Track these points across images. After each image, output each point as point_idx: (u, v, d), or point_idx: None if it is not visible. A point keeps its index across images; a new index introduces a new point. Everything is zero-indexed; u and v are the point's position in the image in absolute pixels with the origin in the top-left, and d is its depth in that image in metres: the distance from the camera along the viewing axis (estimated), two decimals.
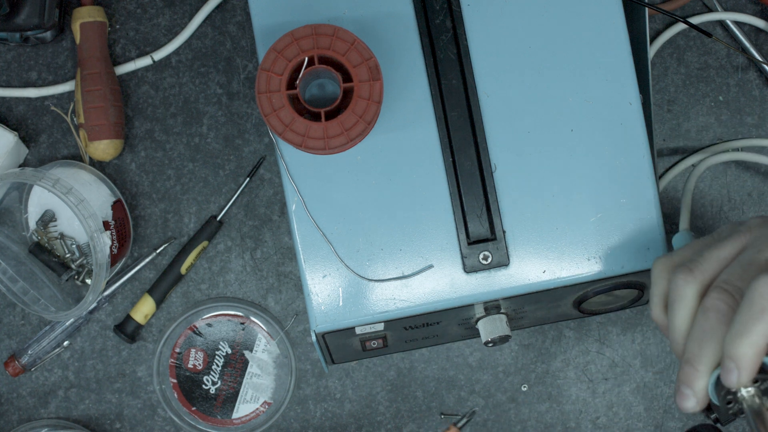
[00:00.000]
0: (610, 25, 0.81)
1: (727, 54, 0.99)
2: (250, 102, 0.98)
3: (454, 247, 0.80)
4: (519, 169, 0.80)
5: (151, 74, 0.98)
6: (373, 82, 0.76)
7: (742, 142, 0.97)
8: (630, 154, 0.80)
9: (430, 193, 0.80)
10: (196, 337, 0.97)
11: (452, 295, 0.80)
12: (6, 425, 0.98)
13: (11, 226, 0.96)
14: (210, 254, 0.98)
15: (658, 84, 0.98)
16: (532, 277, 0.80)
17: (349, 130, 0.76)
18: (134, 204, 0.98)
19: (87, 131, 0.94)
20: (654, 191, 0.80)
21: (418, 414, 0.98)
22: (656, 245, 0.80)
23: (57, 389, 0.98)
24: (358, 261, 0.80)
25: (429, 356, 0.97)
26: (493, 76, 0.81)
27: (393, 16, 0.81)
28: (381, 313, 0.80)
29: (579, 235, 0.80)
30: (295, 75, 0.77)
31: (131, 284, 0.98)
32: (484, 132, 0.80)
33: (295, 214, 0.80)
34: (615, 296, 0.84)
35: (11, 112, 0.98)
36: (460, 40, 0.81)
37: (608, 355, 0.98)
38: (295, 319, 0.97)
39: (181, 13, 0.98)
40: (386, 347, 0.87)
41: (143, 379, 0.98)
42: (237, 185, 0.98)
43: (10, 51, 0.98)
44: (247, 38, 0.98)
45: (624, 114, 0.81)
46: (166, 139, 0.98)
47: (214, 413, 0.98)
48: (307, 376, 0.98)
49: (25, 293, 0.94)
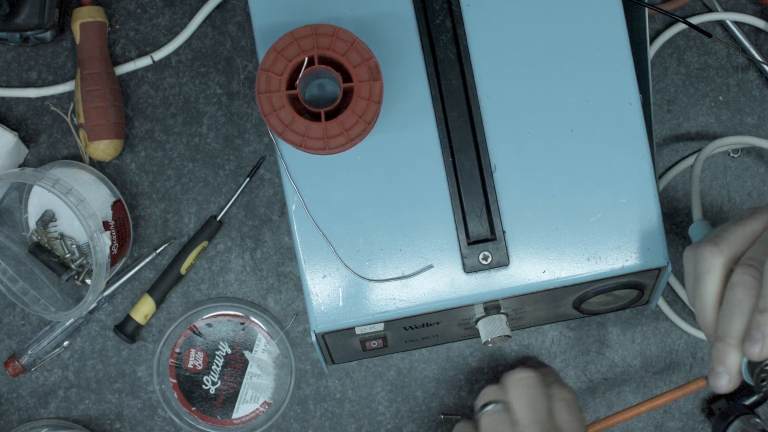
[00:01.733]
0: (610, 25, 0.81)
1: (727, 54, 0.99)
2: (250, 102, 0.98)
3: (454, 247, 0.80)
4: (519, 169, 0.80)
5: (151, 74, 0.98)
6: (373, 82, 0.76)
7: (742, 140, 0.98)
8: (630, 154, 0.80)
9: (430, 193, 0.80)
10: (196, 337, 0.97)
11: (452, 295, 0.80)
12: (6, 425, 0.98)
13: (11, 226, 0.96)
14: (210, 254, 0.98)
15: (658, 84, 0.98)
16: (532, 277, 0.80)
17: (349, 130, 0.76)
18: (134, 204, 0.98)
19: (87, 131, 0.94)
20: (654, 191, 0.80)
21: (418, 414, 0.98)
22: (656, 245, 0.80)
23: (57, 389, 0.98)
24: (358, 261, 0.80)
25: (429, 356, 0.97)
26: (493, 76, 0.81)
27: (393, 16, 0.81)
28: (381, 313, 0.80)
29: (579, 235, 0.80)
30: (295, 75, 0.77)
31: (131, 284, 0.98)
32: (484, 132, 0.80)
33: (295, 214, 0.80)
34: (615, 296, 0.84)
35: (11, 112, 0.98)
36: (460, 40, 0.81)
37: (608, 355, 0.98)
38: (295, 319, 0.97)
39: (181, 13, 0.98)
40: (386, 347, 0.87)
41: (143, 379, 0.98)
42: (237, 185, 0.98)
43: (10, 51, 0.98)
44: (247, 38, 0.98)
45: (624, 114, 0.81)
46: (166, 139, 0.98)
47: (214, 413, 0.98)
48: (307, 376, 0.98)
49: (25, 293, 0.94)
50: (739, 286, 0.69)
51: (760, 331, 0.67)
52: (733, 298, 0.69)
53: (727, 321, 0.69)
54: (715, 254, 0.71)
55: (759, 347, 0.67)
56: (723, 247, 0.71)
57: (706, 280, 0.71)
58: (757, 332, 0.67)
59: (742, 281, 0.69)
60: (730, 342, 0.69)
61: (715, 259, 0.71)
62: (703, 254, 0.72)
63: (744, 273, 0.69)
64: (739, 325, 0.69)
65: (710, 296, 0.71)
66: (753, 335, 0.67)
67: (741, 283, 0.69)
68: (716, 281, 0.71)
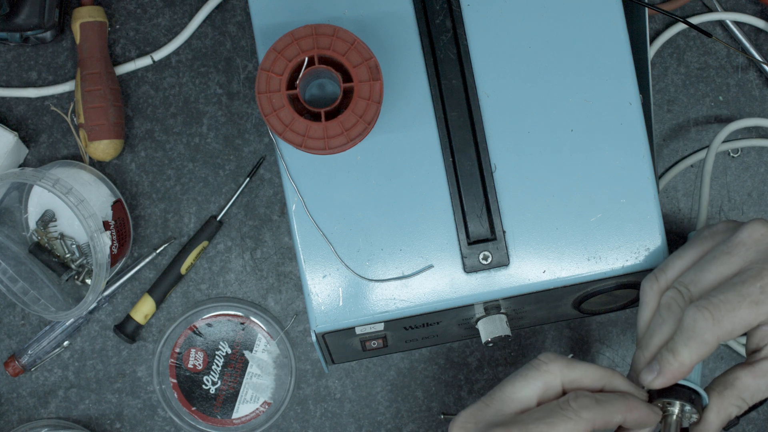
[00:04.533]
0: (610, 25, 0.81)
1: (727, 54, 0.99)
2: (250, 102, 0.98)
3: (454, 247, 0.80)
4: (519, 169, 0.80)
5: (151, 74, 0.98)
6: (373, 82, 0.76)
7: (742, 142, 0.97)
8: (630, 154, 0.80)
9: (430, 193, 0.80)
10: (196, 337, 0.97)
11: (452, 295, 0.80)
12: (6, 425, 0.98)
13: (11, 226, 0.96)
14: (210, 254, 0.98)
15: (658, 84, 0.98)
16: (532, 277, 0.80)
17: (349, 130, 0.76)
18: (134, 204, 0.98)
19: (87, 131, 0.94)
20: (654, 191, 0.80)
21: (418, 414, 0.98)
22: (656, 245, 0.80)
23: (57, 389, 0.98)
24: (358, 261, 0.80)
25: (429, 356, 0.97)
26: (493, 76, 0.81)
27: (393, 16, 0.81)
28: (381, 313, 0.80)
29: (579, 235, 0.80)
30: (295, 75, 0.77)
31: (131, 284, 0.98)
32: (484, 132, 0.80)
33: (295, 214, 0.80)
34: (615, 296, 0.84)
35: (11, 112, 0.98)
36: (460, 40, 0.81)
37: (608, 355, 0.98)
38: (295, 319, 0.97)
39: (181, 13, 0.98)
40: (386, 347, 0.87)
41: (143, 379, 0.98)
42: (237, 185, 0.98)
43: (10, 51, 0.98)
44: (247, 38, 0.98)
45: (624, 114, 0.81)
46: (166, 139, 0.98)
47: (214, 413, 0.98)
48: (307, 376, 0.98)
49: (25, 293, 0.94)
50: (663, 307, 0.74)
51: (660, 364, 0.73)
52: (657, 317, 0.75)
53: (648, 335, 0.75)
54: (653, 287, 0.76)
55: (652, 377, 0.73)
56: (660, 279, 0.76)
57: (643, 309, 0.77)
58: (656, 364, 0.73)
59: (665, 303, 0.74)
60: (646, 355, 0.75)
61: (652, 291, 0.76)
62: (643, 286, 0.77)
63: (670, 297, 0.74)
64: (658, 341, 0.74)
65: (644, 322, 0.77)
66: (652, 366, 0.73)
67: (664, 305, 0.74)
68: (651, 311, 0.76)
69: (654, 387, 0.74)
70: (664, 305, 0.74)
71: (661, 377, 0.73)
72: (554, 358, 0.73)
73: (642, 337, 0.76)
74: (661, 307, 0.74)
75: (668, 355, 0.72)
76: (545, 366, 0.73)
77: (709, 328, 0.71)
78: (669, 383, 0.73)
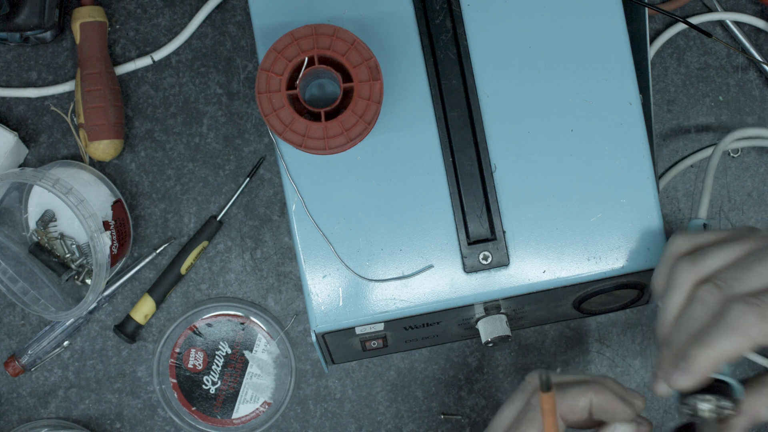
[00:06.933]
0: (610, 25, 0.81)
1: (727, 54, 0.99)
2: (250, 102, 0.98)
3: (454, 247, 0.80)
4: (519, 169, 0.80)
5: (151, 74, 0.98)
6: (373, 82, 0.76)
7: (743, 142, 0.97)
8: (630, 154, 0.80)
9: (430, 193, 0.80)
10: (196, 337, 0.97)
11: (452, 295, 0.80)
12: (6, 425, 0.98)
13: (11, 226, 0.96)
14: (210, 254, 0.98)
15: (658, 84, 0.98)
16: (532, 277, 0.80)
17: (349, 130, 0.76)
18: (134, 204, 0.98)
19: (87, 131, 0.94)
20: (654, 191, 0.80)
21: (418, 414, 0.98)
22: (656, 245, 0.80)
23: (57, 389, 0.98)
24: (358, 261, 0.80)
25: (429, 356, 0.97)
26: (493, 76, 0.81)
27: (393, 16, 0.81)
28: (381, 313, 0.80)
29: (579, 235, 0.80)
30: (295, 75, 0.77)
31: (131, 284, 0.98)
32: (484, 132, 0.80)
33: (295, 214, 0.80)
34: (615, 296, 0.84)
35: (11, 112, 0.98)
36: (460, 40, 0.81)
37: (608, 355, 0.98)
38: (295, 319, 0.97)
39: (181, 13, 0.98)
40: (386, 347, 0.87)
41: (143, 379, 0.98)
42: (237, 185, 0.98)
43: (10, 51, 0.98)
44: (247, 38, 0.98)
45: (624, 114, 0.81)
46: (166, 139, 0.98)
47: (214, 413, 0.98)
48: (307, 376, 0.98)
49: (25, 293, 0.94)
50: (699, 302, 0.70)
51: (688, 363, 0.68)
52: (690, 312, 0.70)
53: (679, 332, 0.70)
54: (690, 272, 0.71)
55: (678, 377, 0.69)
56: (699, 268, 0.71)
57: (675, 293, 0.72)
58: (684, 362, 0.68)
59: (703, 298, 0.70)
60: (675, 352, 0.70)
61: (688, 276, 0.71)
62: (680, 269, 0.72)
63: (707, 291, 0.69)
64: (686, 338, 0.70)
65: (675, 308, 0.72)
66: (680, 365, 0.69)
67: (701, 300, 0.70)
68: (683, 296, 0.71)
69: (683, 387, 0.69)
70: (699, 299, 0.69)
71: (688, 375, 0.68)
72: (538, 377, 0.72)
73: (668, 333, 0.71)
74: (695, 301, 0.70)
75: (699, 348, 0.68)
76: (530, 386, 0.73)
77: (756, 324, 0.67)
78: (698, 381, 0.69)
